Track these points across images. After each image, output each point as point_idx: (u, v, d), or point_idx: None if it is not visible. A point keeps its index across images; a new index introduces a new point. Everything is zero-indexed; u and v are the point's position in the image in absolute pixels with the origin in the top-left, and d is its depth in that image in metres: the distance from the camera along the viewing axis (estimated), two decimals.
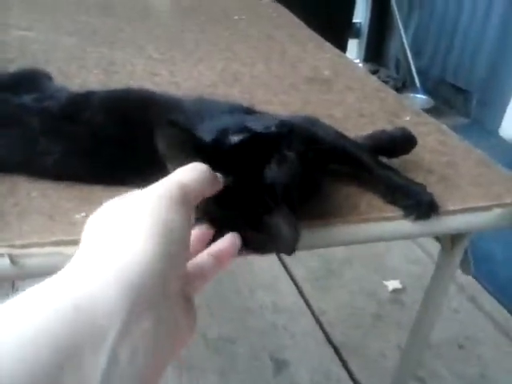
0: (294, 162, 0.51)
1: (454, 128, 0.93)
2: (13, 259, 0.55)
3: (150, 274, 0.30)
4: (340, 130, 0.74)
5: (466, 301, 1.78)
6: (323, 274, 1.86)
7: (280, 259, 1.88)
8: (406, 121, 0.89)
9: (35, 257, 0.56)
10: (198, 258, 0.43)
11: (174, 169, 0.40)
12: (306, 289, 1.78)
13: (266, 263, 1.87)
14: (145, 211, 0.34)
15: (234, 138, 0.48)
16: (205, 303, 1.64)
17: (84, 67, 1.03)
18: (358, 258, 1.92)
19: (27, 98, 0.66)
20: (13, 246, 0.55)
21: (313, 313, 1.69)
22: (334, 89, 1.01)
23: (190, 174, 0.39)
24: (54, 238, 0.57)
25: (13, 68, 0.95)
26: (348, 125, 0.84)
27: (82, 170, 0.64)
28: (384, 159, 0.71)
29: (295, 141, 0.53)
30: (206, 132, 0.50)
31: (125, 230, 0.33)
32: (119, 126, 0.63)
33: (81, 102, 0.66)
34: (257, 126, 0.51)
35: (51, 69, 0.96)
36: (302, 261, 1.89)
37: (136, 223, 0.33)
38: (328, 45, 1.26)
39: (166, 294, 0.31)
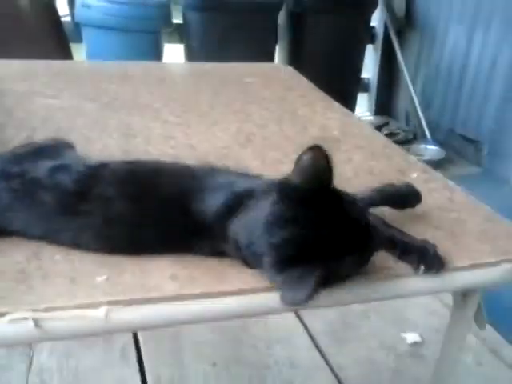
0: None
1: (467, 177, 0.95)
2: (37, 323, 0.57)
3: None
4: (349, 189, 0.77)
5: (487, 353, 1.74)
6: (340, 327, 1.84)
7: (295, 312, 1.87)
8: (414, 178, 0.92)
9: (58, 320, 0.58)
10: None
11: None
12: (323, 342, 1.76)
13: (281, 316, 1.86)
14: None
15: None
16: (221, 359, 1.63)
17: (104, 132, 1.08)
18: (375, 311, 1.90)
19: (42, 169, 0.69)
20: (36, 310, 0.58)
21: (331, 368, 1.66)
22: (343, 148, 1.05)
23: None
24: (76, 301, 0.59)
25: (38, 135, 1.01)
26: (357, 183, 0.87)
27: (97, 244, 0.67)
28: (394, 213, 0.75)
29: None
30: None
31: None
32: (130, 199, 0.67)
33: (92, 177, 0.69)
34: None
35: (74, 135, 1.02)
36: (318, 313, 1.87)
37: None
38: (336, 104, 1.31)
39: None
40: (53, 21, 2.20)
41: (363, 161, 0.99)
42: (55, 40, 2.15)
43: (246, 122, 1.19)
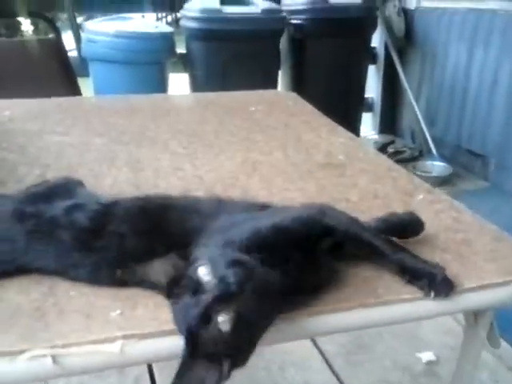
0: None
1: (474, 192, 0.96)
2: (55, 359, 0.59)
3: None
4: (355, 213, 0.78)
5: (505, 371, 1.72)
6: (354, 349, 1.82)
7: None
8: (420, 200, 0.93)
9: (75, 356, 0.60)
10: None
11: None
12: (338, 365, 1.75)
13: None
14: None
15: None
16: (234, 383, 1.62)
17: (113, 166, 1.11)
18: (389, 331, 1.88)
19: (58, 208, 0.73)
20: (54, 347, 0.59)
21: None
22: (348, 172, 1.06)
23: None
24: (92, 337, 0.61)
25: (50, 172, 1.04)
26: (363, 207, 0.88)
27: (112, 278, 0.69)
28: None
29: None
30: None
31: None
32: (143, 235, 0.70)
33: (105, 215, 0.72)
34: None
35: (84, 171, 1.05)
36: (332, 335, 1.86)
37: None
38: (340, 129, 1.33)
39: None
40: (61, 58, 2.26)
41: (368, 184, 1.00)
42: (64, 77, 2.20)
43: (252, 150, 1.20)
